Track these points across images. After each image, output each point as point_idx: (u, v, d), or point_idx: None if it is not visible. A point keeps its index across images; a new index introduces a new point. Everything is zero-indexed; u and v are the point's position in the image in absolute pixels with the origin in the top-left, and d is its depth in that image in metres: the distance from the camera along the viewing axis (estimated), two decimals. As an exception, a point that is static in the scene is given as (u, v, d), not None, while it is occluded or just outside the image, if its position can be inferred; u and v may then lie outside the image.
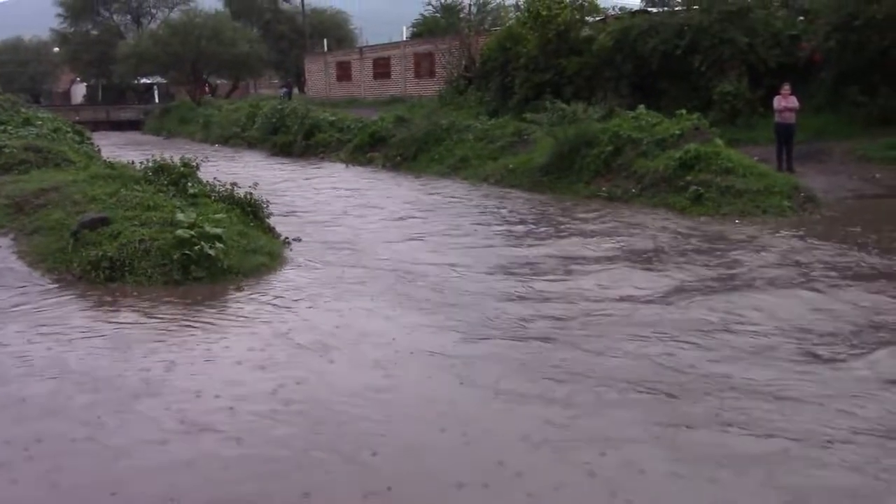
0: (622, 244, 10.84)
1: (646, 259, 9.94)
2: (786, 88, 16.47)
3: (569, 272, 9.42)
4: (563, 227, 12.50)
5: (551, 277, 9.15)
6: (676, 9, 22.77)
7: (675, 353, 6.49)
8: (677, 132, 14.94)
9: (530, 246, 11.04)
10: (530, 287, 8.71)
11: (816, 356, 6.40)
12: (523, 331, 7.21)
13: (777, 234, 11.20)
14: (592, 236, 11.52)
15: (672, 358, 6.36)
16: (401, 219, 13.58)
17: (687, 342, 6.74)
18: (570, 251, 10.55)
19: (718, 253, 10.18)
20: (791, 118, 16.26)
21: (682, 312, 7.63)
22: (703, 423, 5.22)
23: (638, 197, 14.17)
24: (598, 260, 9.99)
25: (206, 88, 53.49)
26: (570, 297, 8.23)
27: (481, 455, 4.87)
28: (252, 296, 8.32)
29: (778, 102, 16.45)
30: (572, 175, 15.84)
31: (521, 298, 8.30)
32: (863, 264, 9.37)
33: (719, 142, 14.59)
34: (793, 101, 16.32)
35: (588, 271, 9.41)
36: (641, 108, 16.70)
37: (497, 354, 6.57)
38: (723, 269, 9.37)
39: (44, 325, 7.30)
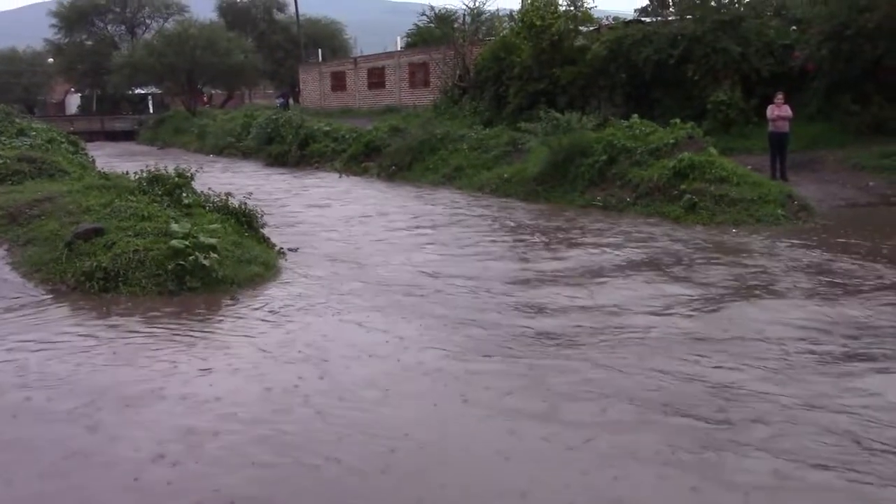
0: (637, 254, 10.66)
1: (670, 271, 9.69)
2: (779, 97, 16.54)
3: (585, 284, 9.17)
4: (570, 237, 12.40)
5: (567, 291, 8.86)
6: (670, 18, 22.86)
7: (706, 370, 6.15)
8: (671, 141, 15.00)
9: (542, 258, 10.88)
10: (543, 300, 8.47)
11: (868, 377, 6.07)
12: (535, 346, 6.94)
13: (792, 246, 11.03)
14: (606, 247, 11.32)
15: (704, 376, 6.05)
16: (399, 229, 13.55)
17: (722, 359, 6.43)
18: (583, 262, 10.37)
19: (744, 264, 9.96)
20: (784, 127, 16.33)
21: (716, 326, 7.36)
22: (732, 448, 4.87)
23: (632, 206, 14.20)
24: (616, 271, 9.77)
25: (207, 99, 53.49)
26: (589, 310, 7.99)
27: (483, 473, 4.75)
28: (246, 306, 8.30)
29: (771, 111, 16.52)
30: (567, 184, 15.88)
31: (534, 312, 8.04)
32: (885, 276, 9.21)
33: (713, 151, 14.64)
34: (786, 110, 16.39)
35: (606, 283, 9.21)
36: (635, 117, 16.76)
37: (504, 371, 6.33)
38: (753, 280, 9.15)
39: (38, 336, 7.27)
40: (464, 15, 38.91)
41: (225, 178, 20.39)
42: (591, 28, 25.04)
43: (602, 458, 4.87)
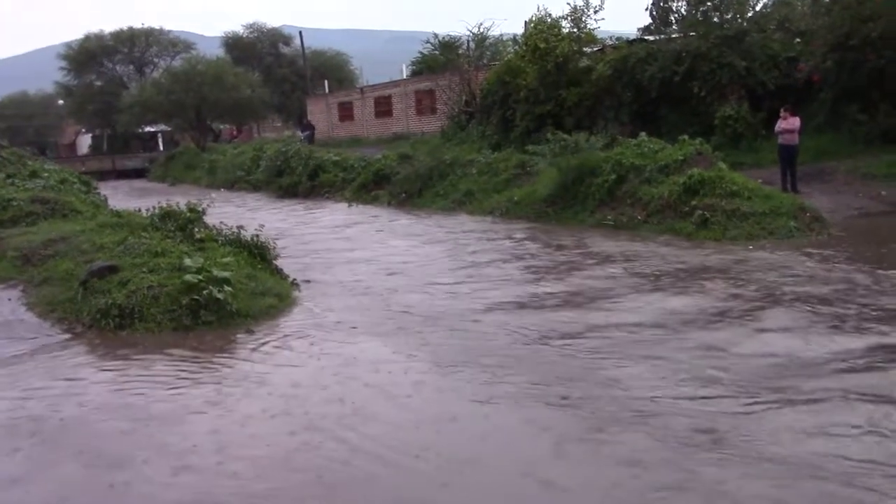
0: (715, 286, 9.62)
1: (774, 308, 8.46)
2: (783, 112, 16.57)
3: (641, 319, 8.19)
4: (592, 261, 12.05)
5: (624, 333, 7.81)
6: (673, 36, 22.95)
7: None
8: (680, 158, 14.98)
9: (561, 283, 10.58)
10: (594, 346, 7.47)
11: None
12: (593, 409, 5.86)
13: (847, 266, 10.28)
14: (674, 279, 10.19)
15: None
16: (418, 258, 13.14)
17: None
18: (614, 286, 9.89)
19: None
20: (793, 139, 16.33)
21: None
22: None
23: (643, 224, 14.16)
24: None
25: (235, 132, 53.98)
26: (656, 356, 6.96)
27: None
28: (261, 340, 8.23)
29: (779, 125, 16.55)
30: (577, 205, 15.87)
31: (584, 356, 7.11)
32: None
33: (723, 166, 14.62)
34: (793, 123, 16.39)
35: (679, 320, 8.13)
36: (643, 135, 16.76)
37: (554, 435, 5.41)
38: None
39: (55, 375, 7.27)
40: (468, 41, 39.28)
41: (236, 212, 20.43)
42: (595, 49, 25.20)
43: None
